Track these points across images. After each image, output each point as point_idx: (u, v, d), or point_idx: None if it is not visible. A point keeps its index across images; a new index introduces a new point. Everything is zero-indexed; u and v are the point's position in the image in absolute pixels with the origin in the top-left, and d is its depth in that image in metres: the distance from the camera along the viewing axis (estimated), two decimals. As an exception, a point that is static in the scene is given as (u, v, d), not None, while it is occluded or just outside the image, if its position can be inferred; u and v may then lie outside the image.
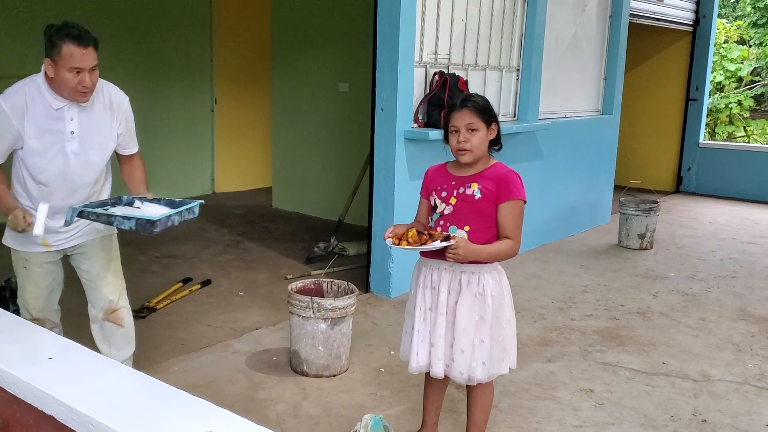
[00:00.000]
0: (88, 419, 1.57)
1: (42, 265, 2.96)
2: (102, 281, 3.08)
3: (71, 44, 2.64)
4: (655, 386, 3.64)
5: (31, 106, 2.72)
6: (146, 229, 2.50)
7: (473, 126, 2.57)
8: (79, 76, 2.66)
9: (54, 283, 3.04)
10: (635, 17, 7.82)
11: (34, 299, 3.00)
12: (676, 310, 4.85)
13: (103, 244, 3.08)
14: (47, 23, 2.76)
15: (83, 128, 2.80)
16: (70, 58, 2.63)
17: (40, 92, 2.74)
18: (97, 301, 3.10)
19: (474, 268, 2.62)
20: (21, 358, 1.88)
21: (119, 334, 3.14)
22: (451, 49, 5.18)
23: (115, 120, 2.91)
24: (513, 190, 2.58)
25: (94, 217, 2.59)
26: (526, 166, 5.90)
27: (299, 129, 7.43)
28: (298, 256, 5.85)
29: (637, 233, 6.48)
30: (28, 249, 2.91)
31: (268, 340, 4.06)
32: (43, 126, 2.74)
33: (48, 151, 2.77)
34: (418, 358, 2.72)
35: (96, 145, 2.86)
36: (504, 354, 2.69)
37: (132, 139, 3.04)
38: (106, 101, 2.88)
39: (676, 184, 9.81)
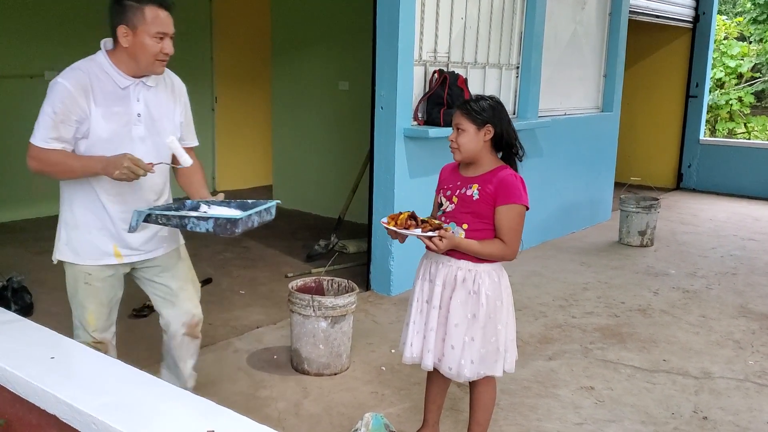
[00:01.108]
0: (91, 418, 1.57)
1: (105, 280, 2.64)
2: (184, 294, 2.79)
3: (155, 6, 2.40)
4: (656, 383, 3.65)
5: (95, 84, 2.43)
6: (226, 230, 2.25)
7: (460, 126, 2.63)
8: (162, 42, 2.43)
9: (115, 299, 2.72)
10: (635, 14, 7.82)
11: (96, 319, 2.66)
12: (677, 307, 4.86)
13: (181, 252, 2.81)
14: (48, 22, 2.61)
15: (149, 111, 2.54)
16: (155, 21, 2.40)
17: (103, 69, 2.46)
18: (178, 316, 2.80)
19: (471, 265, 2.63)
20: (23, 358, 1.88)
21: (192, 346, 2.90)
22: (451, 47, 5.18)
23: (178, 105, 2.66)
24: (511, 194, 2.59)
25: (164, 221, 2.30)
26: (526, 163, 5.83)
27: (299, 127, 7.43)
28: (298, 254, 5.85)
29: (637, 230, 6.48)
30: (93, 262, 2.60)
31: (269, 339, 4.07)
32: (110, 107, 2.46)
33: (116, 137, 2.47)
34: (411, 349, 2.75)
35: (162, 131, 2.57)
36: (497, 356, 2.68)
37: (190, 130, 2.77)
38: (168, 85, 2.64)
39: (677, 180, 9.81)
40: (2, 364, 1.83)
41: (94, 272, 2.62)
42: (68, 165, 2.44)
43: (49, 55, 6.68)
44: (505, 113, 2.70)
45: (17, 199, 6.68)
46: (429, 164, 4.77)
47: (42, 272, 5.08)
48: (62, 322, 3.82)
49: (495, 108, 2.66)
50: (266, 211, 2.45)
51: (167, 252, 2.75)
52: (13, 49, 6.50)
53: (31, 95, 6.60)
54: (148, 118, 2.55)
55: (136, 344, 3.70)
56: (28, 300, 4.30)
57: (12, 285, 4.27)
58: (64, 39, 6.75)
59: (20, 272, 4.50)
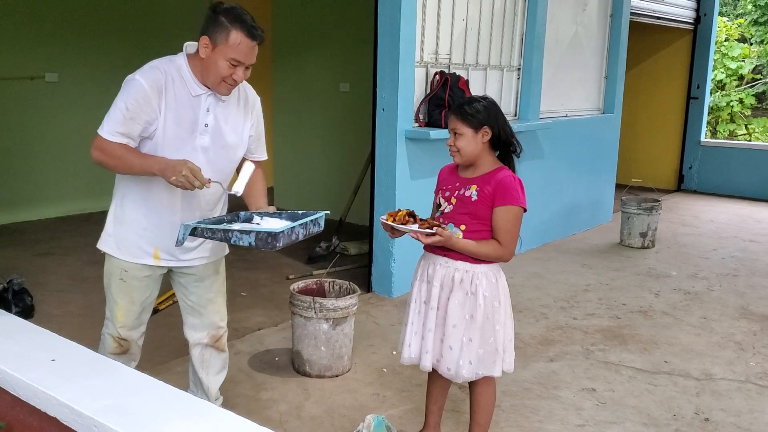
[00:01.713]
0: (92, 421, 1.57)
1: (141, 279, 2.62)
2: (212, 306, 2.80)
3: (243, 33, 2.33)
4: (658, 385, 3.64)
5: (170, 87, 2.41)
6: (267, 243, 2.21)
7: (457, 131, 2.64)
8: (234, 69, 2.38)
9: (148, 300, 2.70)
10: (636, 16, 7.82)
11: (125, 316, 2.65)
12: (678, 308, 4.85)
13: (217, 266, 2.80)
14: (49, 23, 2.56)
15: (217, 122, 2.51)
16: (236, 47, 2.34)
17: (180, 73, 2.43)
18: (202, 326, 2.81)
19: (468, 266, 2.64)
20: (24, 360, 1.88)
21: (219, 360, 2.90)
22: (452, 48, 5.18)
23: (249, 119, 2.62)
24: (508, 195, 2.59)
25: (209, 234, 2.28)
26: (527, 165, 5.88)
27: (300, 129, 7.44)
28: (299, 255, 5.85)
29: (638, 232, 6.47)
30: (131, 259, 2.58)
31: (271, 341, 4.06)
32: (179, 112, 2.43)
33: (180, 143, 2.44)
34: (410, 349, 2.76)
35: (227, 144, 2.55)
36: (496, 356, 2.68)
37: (260, 144, 2.72)
38: (242, 98, 2.59)
39: (678, 182, 9.80)
40: (3, 366, 1.83)
41: (130, 269, 2.61)
42: (128, 160, 2.40)
43: (49, 57, 6.70)
44: (500, 112, 2.70)
45: (18, 201, 6.68)
46: (430, 166, 4.76)
47: (43, 274, 5.08)
48: (63, 324, 3.83)
49: (489, 108, 2.66)
50: (313, 223, 2.41)
51: (206, 264, 2.74)
52: (14, 50, 6.50)
53: (32, 97, 6.67)
54: (215, 129, 2.52)
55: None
56: (28, 302, 4.30)
57: (12, 287, 4.26)
58: (64, 41, 6.76)
59: (21, 274, 4.50)
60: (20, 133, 6.61)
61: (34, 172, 6.70)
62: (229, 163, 2.61)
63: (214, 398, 2.93)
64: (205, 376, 2.89)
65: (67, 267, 5.10)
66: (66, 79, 6.70)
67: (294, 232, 2.29)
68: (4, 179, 6.55)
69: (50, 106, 6.65)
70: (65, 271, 5.08)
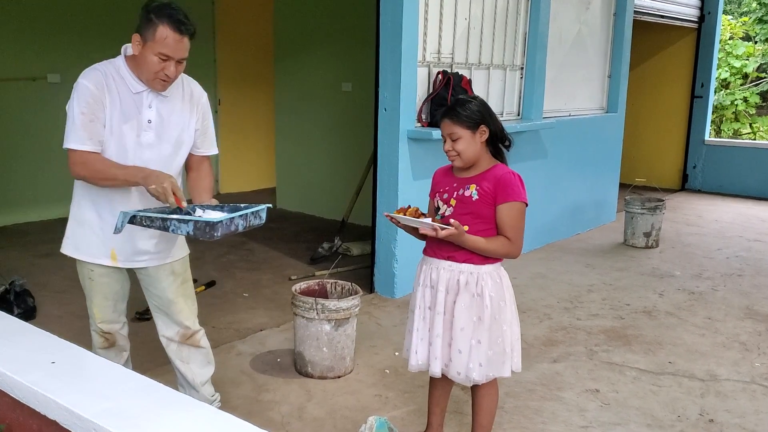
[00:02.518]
0: (92, 424, 1.56)
1: (109, 275, 2.71)
2: (174, 307, 2.81)
3: (169, 27, 2.38)
4: (662, 386, 3.62)
5: (111, 84, 2.47)
6: (206, 233, 2.21)
7: (454, 135, 2.60)
8: (165, 64, 2.42)
9: (121, 293, 2.79)
10: (640, 14, 7.79)
11: (101, 312, 2.75)
12: (683, 309, 4.83)
13: (174, 267, 2.80)
14: (51, 25, 2.61)
15: (161, 118, 2.55)
16: (163, 42, 2.38)
17: (119, 73, 2.50)
18: (170, 325, 2.85)
19: (473, 268, 2.62)
20: (23, 362, 1.87)
21: (199, 355, 2.93)
22: (455, 48, 5.16)
23: (194, 114, 2.66)
24: (510, 191, 2.57)
25: (148, 223, 2.30)
26: (530, 165, 5.88)
27: (303, 129, 7.42)
28: (302, 256, 5.84)
29: (642, 232, 6.45)
30: (90, 260, 2.67)
31: (273, 342, 4.05)
32: (123, 109, 2.49)
33: (124, 139, 2.50)
34: (417, 356, 2.73)
35: (172, 139, 2.60)
36: (504, 356, 2.67)
37: (207, 138, 2.76)
38: (186, 93, 2.64)
39: (682, 181, 9.77)
40: (3, 369, 1.82)
41: (95, 269, 2.69)
42: (111, 172, 2.46)
43: (51, 58, 6.69)
44: (491, 109, 2.68)
45: (20, 202, 6.69)
46: (433, 166, 4.69)
47: (45, 275, 5.08)
48: (65, 325, 3.82)
49: (483, 107, 2.65)
50: (254, 215, 2.40)
51: (159, 265, 2.75)
52: (16, 52, 6.50)
53: (34, 98, 6.67)
54: (159, 125, 2.56)
55: (138, 348, 3.68)
56: (30, 303, 4.29)
57: (14, 288, 4.26)
58: (66, 42, 6.76)
59: (23, 275, 4.50)
60: (22, 134, 6.61)
61: (36, 173, 6.70)
62: (176, 157, 2.64)
63: (200, 385, 2.94)
64: (186, 369, 2.91)
65: (69, 268, 5.03)
66: (68, 80, 6.61)
67: (233, 223, 2.29)
68: (6, 180, 6.55)
69: (52, 108, 6.62)
70: (67, 272, 5.04)
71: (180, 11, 2.43)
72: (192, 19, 2.45)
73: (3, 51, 6.42)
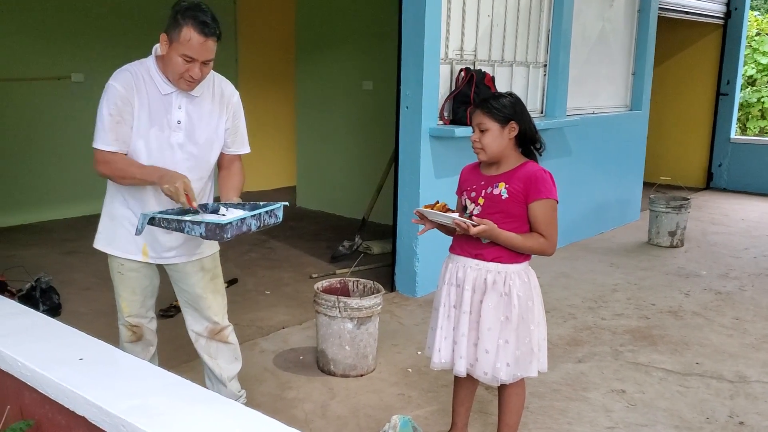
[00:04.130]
0: (120, 420, 1.56)
1: (138, 270, 2.73)
2: (203, 303, 2.83)
3: (193, 29, 2.38)
4: (689, 387, 3.56)
5: (141, 86, 2.49)
6: (216, 234, 2.23)
7: (483, 126, 2.57)
8: (189, 65, 2.42)
9: (150, 288, 2.81)
10: (664, 11, 7.69)
11: (129, 306, 2.78)
12: (710, 309, 4.75)
13: (204, 263, 2.82)
14: (74, 25, 2.62)
15: (191, 119, 2.57)
16: (187, 43, 2.39)
17: (149, 74, 2.51)
18: (198, 322, 2.88)
19: (500, 267, 2.59)
20: (52, 359, 1.88)
21: (227, 351, 2.95)
22: (477, 45, 5.13)
23: (224, 114, 2.66)
24: (542, 189, 2.54)
25: (165, 224, 2.35)
26: (554, 163, 5.81)
27: (323, 128, 7.43)
28: (322, 255, 5.84)
29: (667, 231, 6.37)
30: (121, 254, 2.69)
31: (295, 339, 4.05)
32: (152, 110, 2.51)
33: (156, 140, 2.53)
34: (440, 354, 2.71)
35: (202, 139, 2.62)
36: (531, 356, 2.65)
37: (238, 137, 2.75)
38: (217, 94, 2.64)
39: (707, 180, 9.64)
40: (32, 365, 1.83)
41: (125, 263, 2.72)
42: (130, 172, 2.51)
43: (75, 57, 6.76)
44: (526, 108, 2.65)
45: (45, 200, 6.76)
46: (455, 164, 4.70)
47: (70, 273, 5.13)
48: (90, 322, 3.85)
49: (516, 104, 2.61)
50: (269, 214, 2.41)
51: (188, 261, 2.78)
52: (40, 51, 6.57)
53: (59, 97, 6.73)
54: (189, 126, 2.58)
55: (163, 344, 3.69)
56: (56, 300, 4.33)
57: (40, 285, 4.30)
58: (90, 41, 6.82)
59: (48, 272, 4.54)
60: (47, 133, 6.68)
61: (60, 171, 6.77)
62: (207, 157, 2.66)
63: (228, 380, 2.96)
64: (214, 364, 2.93)
65: (94, 265, 5.12)
66: (92, 79, 6.75)
67: (245, 223, 2.30)
68: (31, 178, 6.62)
69: (76, 106, 6.71)
70: (92, 269, 5.11)
71: (206, 13, 2.43)
72: (218, 21, 2.45)
73: (28, 51, 6.48)
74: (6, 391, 1.97)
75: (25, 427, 1.83)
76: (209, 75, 2.61)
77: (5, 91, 6.36)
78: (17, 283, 4.39)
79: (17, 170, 6.54)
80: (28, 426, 1.84)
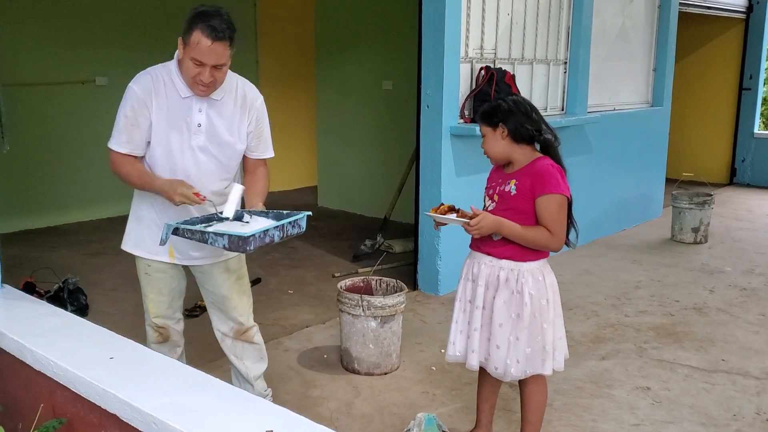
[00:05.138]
0: (151, 418, 1.59)
1: (165, 271, 2.76)
2: (229, 303, 2.86)
3: (202, 33, 2.36)
4: (715, 384, 3.54)
5: (160, 90, 2.50)
6: (239, 246, 2.25)
7: (482, 133, 2.71)
8: (199, 69, 2.41)
9: (177, 289, 2.84)
10: (685, 6, 7.62)
11: (155, 307, 2.80)
12: (735, 305, 4.71)
13: (229, 264, 2.83)
14: (98, 29, 2.64)
15: (211, 122, 2.57)
16: (196, 47, 2.38)
17: (170, 77, 2.52)
18: (225, 320, 2.91)
19: (513, 264, 2.61)
20: (83, 358, 1.92)
21: (252, 350, 2.98)
22: (497, 43, 5.12)
23: (246, 118, 2.64)
24: (547, 184, 2.54)
25: (189, 235, 2.37)
26: (575, 160, 5.80)
27: (344, 127, 7.46)
28: (344, 254, 5.86)
29: (690, 227, 6.31)
30: (148, 256, 2.72)
31: (319, 338, 4.08)
32: (171, 113, 2.52)
33: (177, 143, 2.54)
34: (454, 347, 2.76)
35: (224, 143, 2.61)
36: (544, 354, 2.65)
37: (262, 141, 2.75)
38: (239, 97, 2.63)
39: (730, 175, 9.53)
40: (64, 364, 1.87)
41: (152, 264, 2.75)
42: (132, 178, 2.57)
43: (99, 61, 6.84)
44: (521, 107, 2.62)
45: (71, 203, 6.85)
46: (476, 162, 4.70)
47: (96, 274, 5.20)
48: (117, 322, 3.90)
49: (501, 107, 2.62)
50: (292, 225, 2.43)
51: (214, 263, 2.80)
52: (65, 56, 6.66)
53: (83, 101, 6.81)
54: (210, 129, 2.58)
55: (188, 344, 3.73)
56: (83, 301, 4.40)
57: (67, 286, 4.37)
58: (114, 46, 6.90)
59: (75, 274, 4.61)
60: (72, 136, 6.77)
61: (85, 174, 6.86)
62: (229, 161, 2.67)
63: (254, 379, 3.00)
64: (240, 364, 2.97)
65: (120, 266, 5.19)
66: (115, 83, 6.80)
67: (267, 235, 2.32)
68: (58, 181, 6.72)
69: (100, 110, 6.78)
70: (118, 270, 5.18)
71: (219, 17, 2.40)
72: (233, 25, 2.42)
73: (53, 55, 6.58)
74: (39, 390, 2.02)
75: (58, 426, 1.87)
76: (232, 78, 2.61)
77: (31, 96, 6.46)
78: (45, 284, 4.46)
79: (43, 173, 6.64)
80: (60, 424, 1.88)
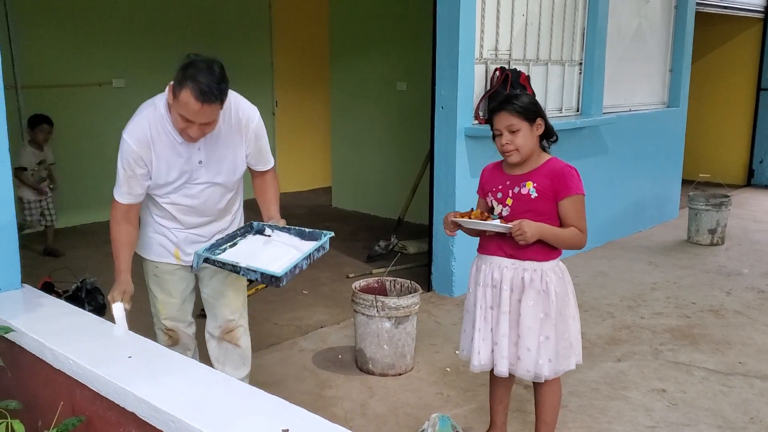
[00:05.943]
0: (169, 416, 1.61)
1: (173, 273, 2.79)
2: (223, 299, 2.90)
3: (191, 94, 2.29)
4: (732, 387, 3.51)
5: (156, 138, 2.49)
6: (271, 283, 2.37)
7: (513, 127, 2.55)
8: (187, 124, 2.39)
9: (187, 291, 2.87)
10: (702, 6, 7.56)
11: (165, 308, 2.83)
12: (752, 307, 4.67)
13: None
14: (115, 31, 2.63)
15: (210, 156, 2.58)
16: (184, 106, 2.32)
17: (162, 123, 2.49)
18: (215, 318, 2.94)
19: (536, 264, 2.60)
20: (102, 357, 1.94)
21: (235, 354, 2.98)
22: (512, 44, 5.11)
23: (243, 141, 2.64)
24: (571, 185, 2.54)
25: (220, 265, 2.48)
26: (590, 161, 5.78)
27: (358, 129, 7.47)
28: (359, 254, 5.87)
29: (707, 228, 6.26)
30: (155, 258, 2.78)
31: (333, 339, 4.09)
32: (171, 158, 2.53)
33: (178, 183, 2.59)
34: (479, 357, 2.71)
35: (224, 171, 2.63)
36: (570, 350, 2.67)
37: (262, 156, 2.76)
38: (233, 121, 2.59)
39: (748, 177, 9.44)
40: (83, 363, 1.89)
41: (160, 266, 2.80)
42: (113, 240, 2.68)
43: (115, 63, 6.91)
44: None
45: (88, 203, 6.91)
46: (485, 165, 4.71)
47: (112, 274, 5.22)
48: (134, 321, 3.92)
49: (535, 101, 2.64)
50: (318, 250, 2.57)
51: None
52: (82, 58, 6.73)
53: (100, 103, 6.88)
54: (209, 162, 2.60)
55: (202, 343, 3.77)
56: (100, 301, 4.44)
57: (85, 286, 4.41)
58: (129, 48, 6.96)
59: (92, 274, 4.65)
60: (90, 138, 6.84)
61: (102, 175, 6.91)
62: (231, 183, 2.71)
63: None
64: (221, 370, 2.95)
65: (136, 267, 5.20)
66: (132, 84, 6.90)
67: (298, 267, 2.44)
68: (76, 182, 6.78)
69: (117, 111, 6.82)
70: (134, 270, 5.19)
71: (210, 74, 2.31)
72: (225, 80, 2.36)
73: (71, 58, 6.65)
74: (59, 388, 2.04)
75: (77, 423, 1.89)
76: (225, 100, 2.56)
77: (49, 98, 6.52)
78: (63, 284, 4.51)
79: (61, 174, 6.70)
80: (79, 422, 1.90)
